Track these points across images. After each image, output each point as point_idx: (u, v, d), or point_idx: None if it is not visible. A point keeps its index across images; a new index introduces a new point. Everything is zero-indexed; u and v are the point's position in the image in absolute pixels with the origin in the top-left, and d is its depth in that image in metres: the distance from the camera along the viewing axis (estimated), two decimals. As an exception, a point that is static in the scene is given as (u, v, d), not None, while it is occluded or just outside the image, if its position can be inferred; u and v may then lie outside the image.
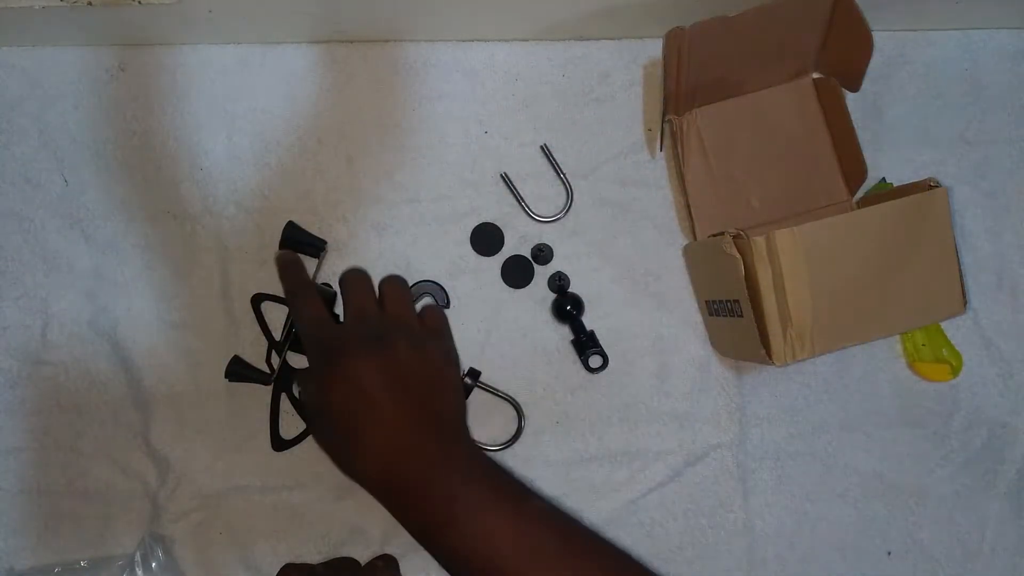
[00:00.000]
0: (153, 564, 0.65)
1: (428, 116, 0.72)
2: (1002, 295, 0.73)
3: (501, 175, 0.71)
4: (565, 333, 0.71)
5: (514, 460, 0.69)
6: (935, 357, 0.71)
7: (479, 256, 0.71)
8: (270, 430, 0.68)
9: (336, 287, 0.63)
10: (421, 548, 0.67)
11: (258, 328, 0.69)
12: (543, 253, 0.70)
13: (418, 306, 0.64)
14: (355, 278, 0.61)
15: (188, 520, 0.68)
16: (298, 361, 0.69)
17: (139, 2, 0.63)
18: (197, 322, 0.69)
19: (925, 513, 0.70)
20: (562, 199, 0.72)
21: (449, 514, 0.51)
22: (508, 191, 0.72)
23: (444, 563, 0.53)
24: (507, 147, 0.72)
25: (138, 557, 0.65)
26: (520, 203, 0.71)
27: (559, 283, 0.70)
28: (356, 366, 0.54)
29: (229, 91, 0.72)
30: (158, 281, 0.70)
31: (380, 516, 0.68)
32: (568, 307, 0.70)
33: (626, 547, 0.68)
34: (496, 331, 0.70)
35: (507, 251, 0.71)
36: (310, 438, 0.69)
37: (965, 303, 0.60)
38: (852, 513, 0.70)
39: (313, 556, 0.67)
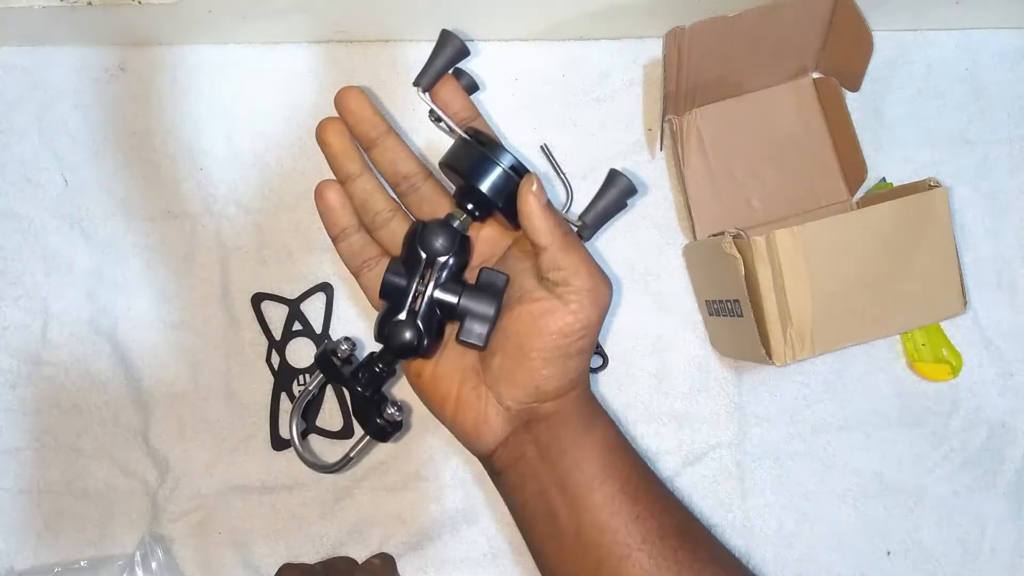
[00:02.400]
0: (153, 564, 0.65)
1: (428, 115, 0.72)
2: (1002, 295, 0.73)
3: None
4: (565, 333, 0.70)
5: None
6: (935, 357, 0.71)
7: (479, 255, 0.71)
8: (270, 430, 0.68)
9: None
10: (420, 548, 0.68)
11: (258, 327, 0.69)
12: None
13: None
14: None
15: (188, 520, 0.68)
16: (297, 360, 0.69)
17: (139, 2, 0.63)
18: (197, 322, 0.69)
19: (924, 513, 0.70)
20: (562, 199, 0.72)
21: None
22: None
23: None
24: (507, 145, 0.72)
25: (138, 557, 0.65)
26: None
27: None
28: None
29: (229, 91, 0.72)
30: (158, 281, 0.70)
31: (379, 516, 0.68)
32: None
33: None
34: (496, 331, 0.70)
35: (507, 251, 0.71)
36: (310, 437, 0.69)
37: (965, 303, 0.60)
38: (851, 513, 0.70)
39: (312, 556, 0.68)
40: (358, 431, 0.60)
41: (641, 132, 0.73)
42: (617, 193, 0.53)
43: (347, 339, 0.59)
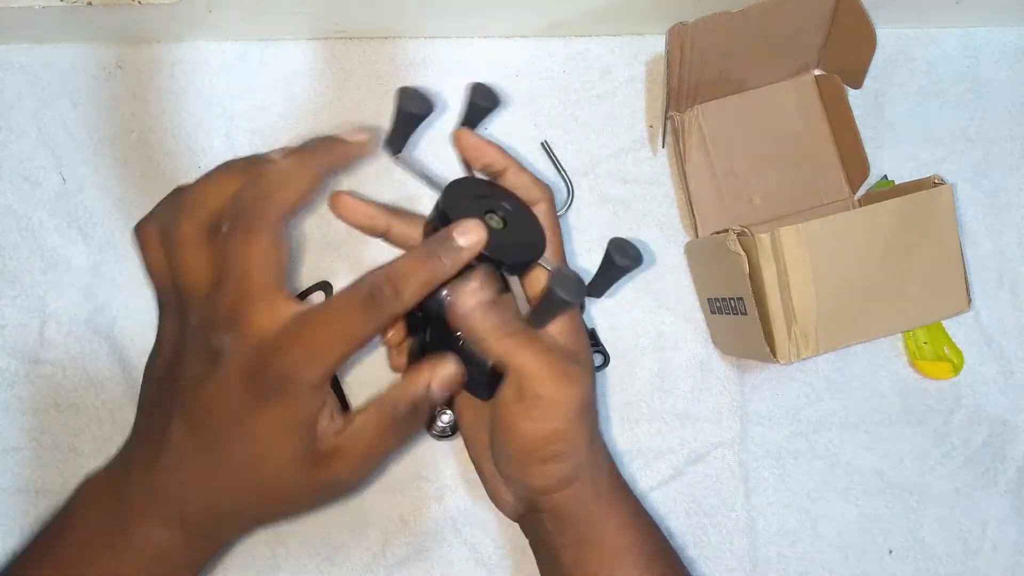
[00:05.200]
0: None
1: (428, 113, 0.72)
2: (1003, 293, 0.73)
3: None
4: (566, 331, 0.70)
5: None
6: (936, 355, 0.71)
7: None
8: (270, 429, 0.68)
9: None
10: (424, 549, 0.67)
11: (257, 327, 0.69)
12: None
13: None
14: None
15: (187, 520, 0.67)
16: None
17: (139, 2, 0.63)
18: (196, 321, 0.69)
19: (926, 511, 0.70)
20: (563, 196, 0.71)
21: None
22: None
23: None
24: (507, 143, 0.71)
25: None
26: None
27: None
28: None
29: (228, 88, 0.71)
30: (156, 279, 0.69)
31: (380, 517, 0.68)
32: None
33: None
34: (497, 329, 0.70)
35: (508, 249, 0.71)
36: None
37: (969, 301, 0.60)
38: (853, 511, 0.70)
39: (312, 558, 0.67)
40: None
41: (643, 129, 0.73)
42: (612, 272, 0.49)
43: None
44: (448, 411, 0.60)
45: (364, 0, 0.67)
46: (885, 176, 0.73)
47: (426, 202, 0.67)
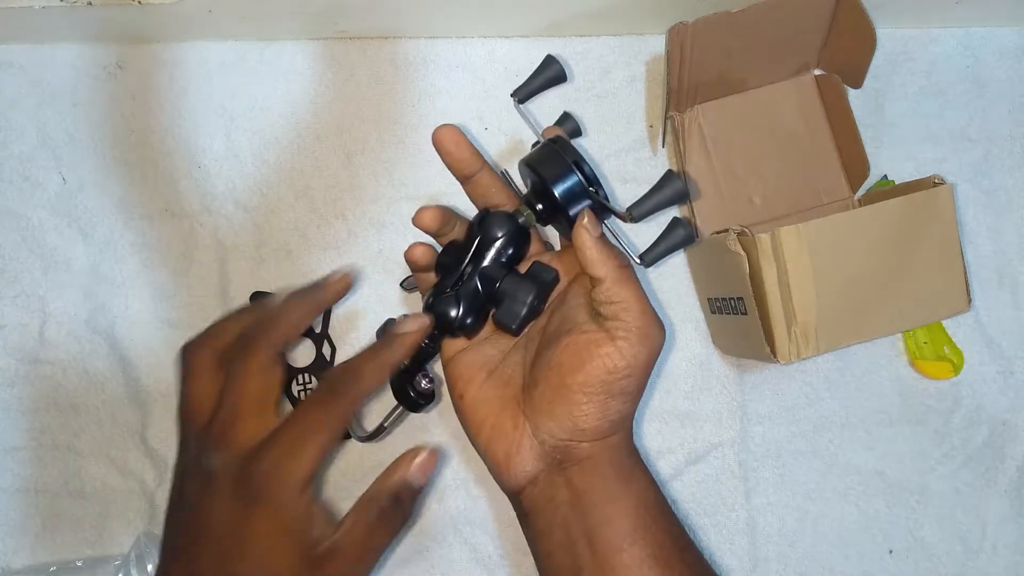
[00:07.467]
0: (149, 566, 0.65)
1: (428, 112, 0.72)
2: (1003, 293, 0.73)
3: (501, 172, 0.71)
4: (566, 331, 0.70)
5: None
6: (936, 355, 0.71)
7: (479, 253, 0.71)
8: (270, 429, 0.68)
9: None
10: (424, 549, 0.67)
11: (257, 327, 0.69)
12: (544, 251, 0.70)
13: None
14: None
15: (187, 520, 0.67)
16: (296, 360, 0.69)
17: (139, 2, 0.63)
18: (195, 321, 0.69)
19: (926, 511, 0.70)
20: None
21: None
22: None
23: None
24: (507, 143, 0.72)
25: (133, 557, 0.65)
26: (521, 201, 0.71)
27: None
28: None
29: (227, 88, 0.72)
30: (156, 279, 0.69)
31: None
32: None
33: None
34: (497, 329, 0.70)
35: (508, 249, 0.71)
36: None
37: (969, 301, 0.60)
38: (854, 511, 0.70)
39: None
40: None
41: (643, 129, 0.73)
42: (671, 194, 0.54)
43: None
44: (427, 376, 0.57)
45: (364, 0, 0.67)
46: (885, 176, 0.73)
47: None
